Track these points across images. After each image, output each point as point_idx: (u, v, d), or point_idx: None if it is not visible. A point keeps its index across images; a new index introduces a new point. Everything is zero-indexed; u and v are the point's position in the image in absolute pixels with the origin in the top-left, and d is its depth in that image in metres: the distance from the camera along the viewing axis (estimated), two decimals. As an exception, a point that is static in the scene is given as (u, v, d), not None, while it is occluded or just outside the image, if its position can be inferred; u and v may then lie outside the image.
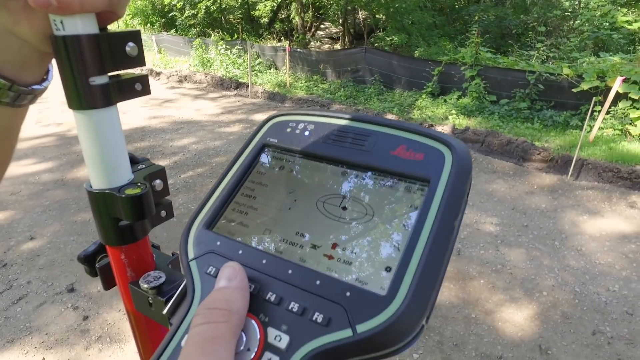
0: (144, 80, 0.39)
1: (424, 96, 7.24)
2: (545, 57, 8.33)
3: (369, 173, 0.34)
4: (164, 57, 11.95)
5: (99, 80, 0.35)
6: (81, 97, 0.34)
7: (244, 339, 0.27)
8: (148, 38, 12.65)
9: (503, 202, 3.96)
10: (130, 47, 0.37)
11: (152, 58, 11.55)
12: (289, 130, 0.38)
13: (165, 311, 0.38)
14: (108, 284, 0.46)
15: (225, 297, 0.27)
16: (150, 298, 0.42)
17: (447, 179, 0.31)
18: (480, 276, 2.89)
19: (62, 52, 0.33)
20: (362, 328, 0.26)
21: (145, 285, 0.41)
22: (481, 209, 3.82)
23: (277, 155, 0.38)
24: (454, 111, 6.57)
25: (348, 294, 0.28)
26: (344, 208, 0.33)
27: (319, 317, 0.27)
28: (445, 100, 7.10)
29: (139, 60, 0.38)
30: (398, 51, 10.80)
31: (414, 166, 0.33)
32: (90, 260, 0.47)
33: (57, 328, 2.41)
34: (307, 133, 0.38)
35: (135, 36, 0.37)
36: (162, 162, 4.87)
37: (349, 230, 0.32)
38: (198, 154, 5.15)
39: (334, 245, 0.31)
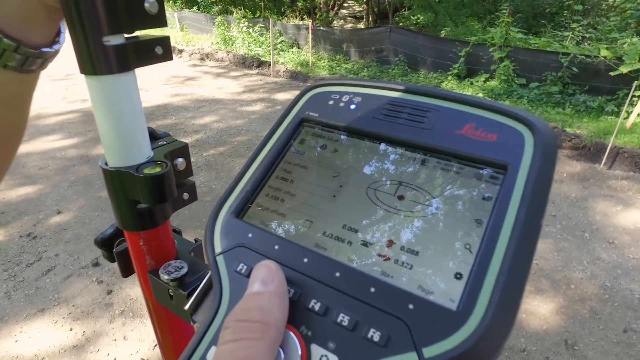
0: (165, 43, 0.34)
1: (449, 78, 7.01)
2: (580, 38, 7.90)
3: (431, 155, 0.28)
4: (186, 34, 11.91)
5: (114, 40, 0.30)
6: (94, 60, 0.29)
7: (282, 356, 0.22)
8: (170, 15, 12.60)
9: (531, 190, 3.82)
10: (149, 3, 0.31)
11: (175, 35, 11.52)
12: (331, 102, 0.33)
13: (187, 307, 0.34)
14: (126, 271, 0.42)
15: (259, 305, 0.22)
16: (171, 290, 0.37)
17: (530, 165, 0.25)
18: (505, 265, 2.81)
19: (72, 6, 0.28)
20: (430, 352, 0.21)
21: (166, 277, 0.37)
22: (507, 196, 3.69)
23: (317, 132, 0.32)
24: (480, 94, 6.34)
25: (411, 306, 0.22)
26: (401, 197, 0.27)
27: (375, 334, 0.22)
28: (471, 83, 6.85)
29: (160, 20, 0.32)
30: (424, 31, 10.44)
31: (486, 148, 0.26)
32: (108, 244, 0.43)
33: (83, 300, 2.47)
34: (353, 106, 0.32)
35: (155, -10, 0.32)
36: (184, 140, 4.88)
37: (407, 225, 0.26)
38: (220, 133, 5.14)
39: (390, 243, 0.25)
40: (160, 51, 0.33)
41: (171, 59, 0.35)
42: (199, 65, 9.14)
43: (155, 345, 2.17)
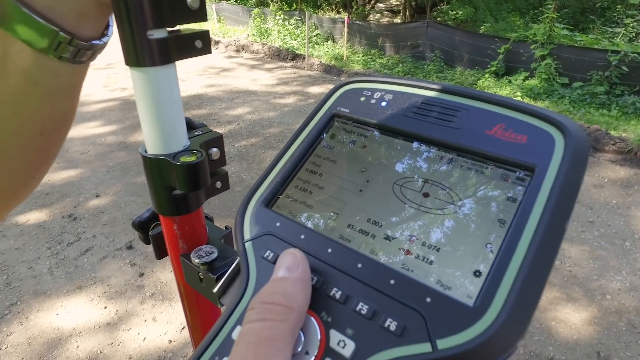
0: (204, 36, 0.35)
1: (486, 75, 6.80)
2: (634, 34, 7.45)
3: (458, 155, 0.28)
4: (222, 26, 12.10)
5: (157, 34, 0.31)
6: (138, 53, 0.31)
7: (302, 338, 0.23)
8: (208, 7, 12.84)
9: (567, 194, 3.67)
10: (191, -2, 0.33)
11: (212, 27, 11.73)
12: (363, 99, 0.33)
13: (215, 290, 0.36)
14: (160, 253, 0.45)
15: (284, 290, 0.23)
16: (201, 273, 0.39)
17: (558, 169, 0.25)
18: (536, 271, 2.72)
19: (120, 1, 0.29)
20: (444, 344, 0.21)
21: (197, 260, 0.39)
22: (542, 200, 3.56)
23: (348, 128, 0.33)
24: (518, 93, 6.11)
25: (428, 299, 0.23)
26: (426, 194, 0.28)
27: (391, 324, 0.23)
28: (510, 81, 6.62)
29: (201, 14, 0.34)
30: (462, 26, 10.16)
31: (515, 150, 0.26)
32: (144, 227, 0.46)
33: (117, 281, 2.59)
34: (384, 103, 0.32)
35: (197, -14, 0.33)
36: (217, 131, 4.99)
37: (430, 222, 0.26)
38: (252, 124, 5.22)
39: (413, 239, 0.26)
40: (200, 45, 0.35)
41: (210, 52, 0.36)
42: (235, 56, 9.28)
43: (182, 329, 2.26)
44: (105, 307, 2.39)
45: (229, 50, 9.82)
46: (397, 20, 13.23)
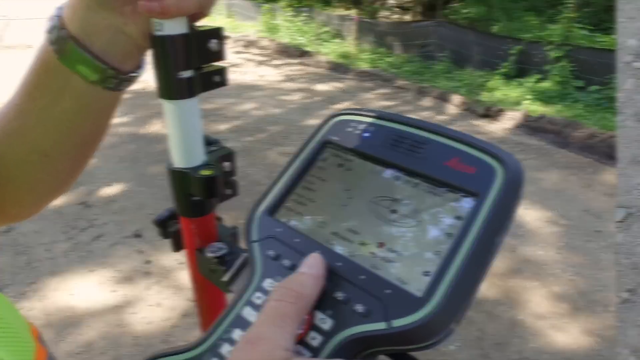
0: (222, 72, 0.43)
1: (496, 77, 6.77)
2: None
3: (421, 180, 0.36)
4: (232, 21, 12.15)
5: (185, 74, 0.39)
6: (170, 89, 0.39)
7: None
8: (219, 2, 12.83)
9: (573, 202, 3.65)
10: (213, 43, 0.41)
11: (221, 22, 11.79)
12: (350, 129, 0.41)
13: (225, 279, 0.44)
14: (177, 247, 0.53)
15: (300, 281, 0.31)
16: (212, 266, 0.48)
17: (495, 195, 0.32)
18: (535, 278, 2.73)
19: (159, 50, 0.37)
20: (396, 323, 0.29)
21: (210, 254, 0.47)
22: (546, 206, 3.54)
23: (337, 153, 0.41)
24: (529, 96, 6.06)
25: (388, 291, 0.31)
26: (394, 211, 0.35)
27: (360, 307, 0.31)
28: (521, 83, 6.56)
29: (221, 55, 0.42)
30: (475, 25, 10.10)
31: (465, 179, 0.34)
32: (163, 225, 0.55)
33: (125, 267, 2.70)
34: (367, 134, 0.40)
35: (218, 33, 0.41)
36: (223, 126, 5.07)
37: (395, 232, 0.34)
38: (258, 120, 5.29)
39: (381, 245, 0.34)
40: (218, 79, 0.43)
41: (226, 84, 0.44)
42: (243, 52, 9.32)
43: (184, 315, 2.35)
44: (115, 291, 2.50)
45: (237, 45, 9.84)
46: (408, 17, 13.18)
